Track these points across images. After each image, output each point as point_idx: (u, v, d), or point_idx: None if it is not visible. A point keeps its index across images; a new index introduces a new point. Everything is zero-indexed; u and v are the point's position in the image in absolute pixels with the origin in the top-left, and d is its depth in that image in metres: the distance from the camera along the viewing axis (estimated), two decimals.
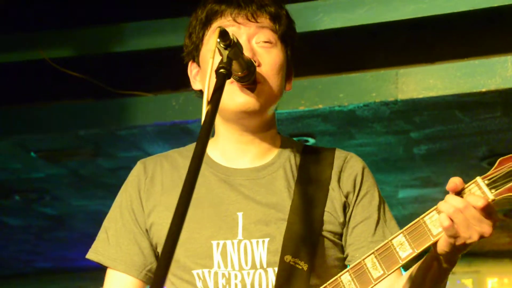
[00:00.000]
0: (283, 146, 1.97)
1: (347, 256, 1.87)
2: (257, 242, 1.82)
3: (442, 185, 5.06)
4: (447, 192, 1.62)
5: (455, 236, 1.57)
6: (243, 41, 1.80)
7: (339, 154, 1.96)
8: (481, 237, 1.58)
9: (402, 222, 1.75)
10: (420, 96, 3.78)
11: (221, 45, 1.66)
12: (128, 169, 2.07)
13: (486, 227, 1.56)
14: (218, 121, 1.94)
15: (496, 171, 1.56)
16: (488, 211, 1.55)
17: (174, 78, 3.85)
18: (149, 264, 1.93)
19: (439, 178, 4.92)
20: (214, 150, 1.96)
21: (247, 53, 1.80)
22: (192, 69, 1.96)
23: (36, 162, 4.62)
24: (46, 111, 4.19)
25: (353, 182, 1.91)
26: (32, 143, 4.40)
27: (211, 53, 1.66)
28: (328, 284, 1.68)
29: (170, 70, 3.85)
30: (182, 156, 1.95)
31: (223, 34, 1.65)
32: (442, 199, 1.65)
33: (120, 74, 4.04)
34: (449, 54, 3.77)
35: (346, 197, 1.90)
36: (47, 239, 6.22)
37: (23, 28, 3.99)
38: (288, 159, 1.94)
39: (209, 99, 1.56)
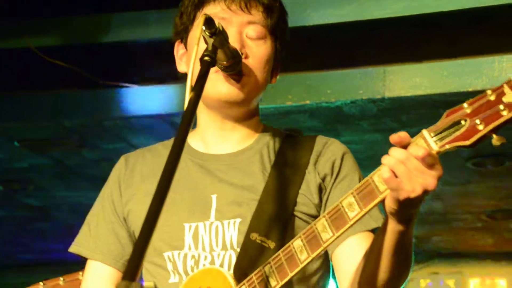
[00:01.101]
0: (263, 132, 1.97)
1: None
2: (229, 223, 1.82)
3: None
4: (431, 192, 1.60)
5: (398, 189, 1.51)
6: (233, 31, 1.80)
7: (320, 140, 1.95)
8: (425, 190, 1.51)
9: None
10: (407, 94, 3.79)
11: (207, 33, 1.65)
12: (112, 161, 2.08)
13: (429, 179, 1.51)
14: (200, 108, 1.93)
15: (441, 123, 1.52)
16: (430, 162, 1.50)
17: (161, 70, 3.87)
18: (127, 255, 1.92)
19: None
20: (194, 138, 1.97)
21: (236, 44, 1.79)
22: (178, 50, 1.94)
23: (20, 152, 4.60)
24: (31, 100, 4.18)
25: (331, 165, 1.89)
26: (16, 132, 4.38)
27: (195, 40, 1.65)
28: (281, 252, 1.66)
29: (157, 62, 3.88)
30: (166, 146, 1.96)
31: (209, 22, 1.64)
32: (425, 198, 1.63)
33: (106, 64, 4.02)
34: (436, 53, 3.78)
35: (323, 180, 1.88)
36: (30, 231, 6.20)
37: (9, 16, 3.95)
38: (266, 145, 1.93)
39: (192, 87, 1.57)
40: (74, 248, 1.98)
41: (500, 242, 6.38)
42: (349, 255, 1.82)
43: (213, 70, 1.77)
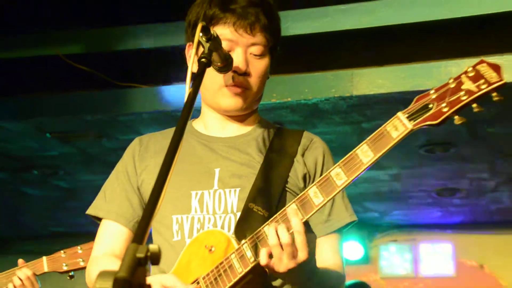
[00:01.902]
0: (260, 124, 1.95)
1: None
2: (230, 191, 1.80)
3: (389, 168, 5.10)
4: (391, 174, 1.60)
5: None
6: (240, 50, 1.79)
7: (307, 135, 1.95)
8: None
9: (355, 198, 1.71)
10: (371, 93, 3.76)
11: (203, 38, 1.64)
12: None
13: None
14: (204, 105, 1.93)
15: (414, 106, 1.55)
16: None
17: (167, 73, 3.87)
18: (138, 217, 1.88)
19: (387, 162, 4.91)
20: (198, 124, 1.95)
21: (242, 62, 1.78)
22: (189, 50, 1.90)
23: (51, 142, 4.57)
24: (59, 99, 4.14)
25: (315, 161, 1.89)
26: (47, 125, 4.34)
27: (194, 44, 1.63)
28: (278, 214, 1.63)
29: (164, 66, 3.88)
30: (172, 130, 1.96)
31: (205, 29, 1.63)
32: (387, 180, 1.63)
33: (121, 68, 3.99)
34: (395, 59, 3.75)
35: (308, 171, 1.88)
36: (60, 208, 6.19)
37: (41, 28, 3.93)
38: (262, 134, 1.92)
39: (191, 84, 1.56)
40: (90, 211, 1.96)
41: (446, 214, 6.41)
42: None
43: (220, 84, 1.77)
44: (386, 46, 3.76)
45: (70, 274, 2.99)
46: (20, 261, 2.93)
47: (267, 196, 1.78)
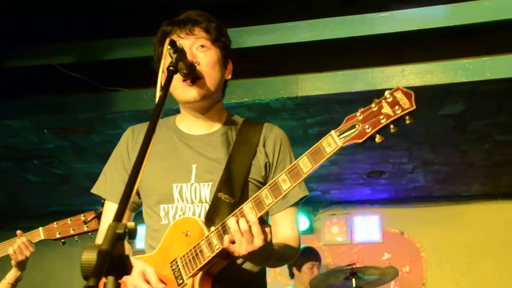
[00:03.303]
0: (227, 120, 1.94)
1: None
2: (204, 185, 1.80)
3: None
4: (330, 160, 1.61)
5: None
6: (187, 49, 1.77)
7: (267, 126, 1.95)
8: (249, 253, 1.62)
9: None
10: (313, 94, 3.78)
11: (171, 50, 1.63)
12: (113, 142, 2.05)
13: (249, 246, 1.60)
14: (180, 105, 1.92)
15: (344, 125, 1.54)
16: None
17: (145, 78, 3.80)
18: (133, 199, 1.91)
19: None
20: (181, 122, 1.93)
21: (190, 57, 1.76)
22: (156, 63, 1.89)
23: (48, 137, 4.48)
24: (55, 100, 4.06)
25: (273, 149, 1.88)
26: (45, 123, 4.26)
27: (163, 55, 1.62)
28: (252, 199, 1.63)
29: (142, 72, 3.82)
30: (159, 125, 1.90)
31: (172, 43, 1.64)
32: (327, 165, 1.64)
33: (107, 75, 3.93)
34: (332, 66, 3.78)
35: (268, 157, 1.87)
36: (56, 191, 6.07)
37: (40, 41, 3.85)
38: (230, 128, 1.91)
39: (161, 88, 1.54)
40: (94, 190, 1.96)
41: (374, 192, 6.48)
42: (274, 228, 1.86)
43: (180, 80, 1.75)
44: (324, 56, 3.79)
45: (62, 241, 2.99)
46: (19, 232, 2.97)
47: (233, 186, 1.78)
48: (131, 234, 1.00)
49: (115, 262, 0.93)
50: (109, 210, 1.91)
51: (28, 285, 3.57)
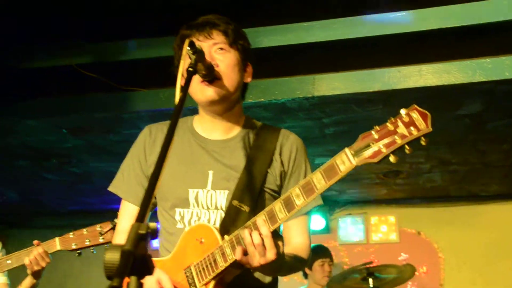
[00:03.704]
0: (245, 124, 1.93)
1: None
2: (219, 192, 1.80)
3: None
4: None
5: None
6: (205, 51, 1.78)
7: (284, 132, 1.93)
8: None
9: None
10: (329, 94, 3.78)
11: (190, 52, 1.64)
12: (129, 141, 2.04)
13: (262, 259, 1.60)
14: (199, 107, 1.91)
15: (357, 144, 1.52)
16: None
17: (162, 79, 3.83)
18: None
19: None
20: (196, 123, 1.93)
21: (208, 59, 1.77)
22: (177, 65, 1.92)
23: (66, 136, 4.52)
24: (72, 101, 4.10)
25: (289, 155, 1.88)
26: (64, 123, 4.30)
27: (182, 56, 1.63)
28: (265, 211, 1.63)
29: (159, 73, 3.85)
30: (177, 127, 1.94)
31: (191, 44, 1.65)
32: None
33: (124, 75, 3.96)
34: (348, 66, 3.77)
35: (283, 166, 1.86)
36: (74, 189, 6.13)
37: (58, 43, 3.90)
38: (247, 134, 1.90)
39: (181, 89, 1.55)
40: (112, 188, 1.95)
41: (391, 192, 6.45)
42: (286, 234, 1.88)
43: (199, 81, 1.76)
44: (340, 56, 3.78)
45: (78, 252, 2.99)
46: (36, 242, 2.95)
47: (248, 195, 1.79)
48: (153, 234, 1.01)
49: (137, 262, 0.95)
50: (125, 209, 1.92)
51: (46, 285, 3.62)
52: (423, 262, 6.53)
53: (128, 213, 1.90)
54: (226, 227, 1.74)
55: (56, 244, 2.95)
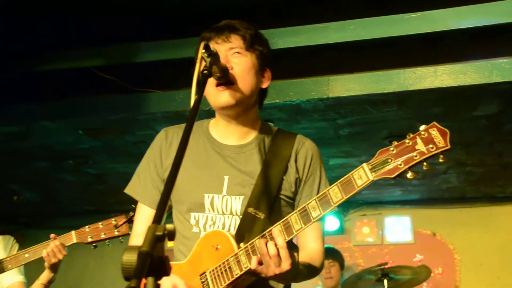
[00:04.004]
0: (261, 129, 1.92)
1: None
2: (235, 198, 1.80)
3: (359, 156, 5.11)
4: (361, 160, 1.61)
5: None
6: (222, 55, 1.79)
7: (299, 139, 1.92)
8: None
9: (332, 181, 1.72)
10: (344, 95, 3.77)
11: (205, 54, 1.64)
12: (145, 142, 2.04)
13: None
14: (215, 112, 1.91)
15: (376, 159, 1.54)
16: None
17: (176, 80, 3.87)
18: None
19: (357, 151, 4.94)
20: (212, 127, 1.93)
21: (224, 62, 1.78)
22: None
23: (82, 137, 4.56)
24: (89, 103, 4.13)
25: (304, 162, 1.87)
26: (80, 124, 4.33)
27: (198, 59, 1.64)
28: (281, 222, 1.64)
29: (174, 74, 3.88)
30: (193, 131, 1.96)
31: (206, 47, 1.65)
32: (358, 165, 1.63)
33: (139, 77, 3.99)
34: (363, 67, 3.75)
35: (298, 173, 1.86)
36: (90, 190, 6.18)
37: (75, 46, 3.94)
38: (263, 140, 1.89)
39: (196, 91, 1.56)
40: (127, 190, 1.96)
41: (406, 193, 6.42)
42: (301, 240, 1.89)
43: (213, 84, 1.76)
44: (355, 57, 3.77)
45: (94, 245, 3.05)
46: (52, 235, 3.02)
47: (264, 201, 1.79)
48: (170, 236, 1.03)
49: (155, 263, 0.96)
50: (141, 212, 1.93)
51: (62, 283, 3.66)
52: (439, 264, 6.48)
53: (144, 216, 1.91)
54: (242, 234, 1.75)
55: (73, 237, 3.02)
